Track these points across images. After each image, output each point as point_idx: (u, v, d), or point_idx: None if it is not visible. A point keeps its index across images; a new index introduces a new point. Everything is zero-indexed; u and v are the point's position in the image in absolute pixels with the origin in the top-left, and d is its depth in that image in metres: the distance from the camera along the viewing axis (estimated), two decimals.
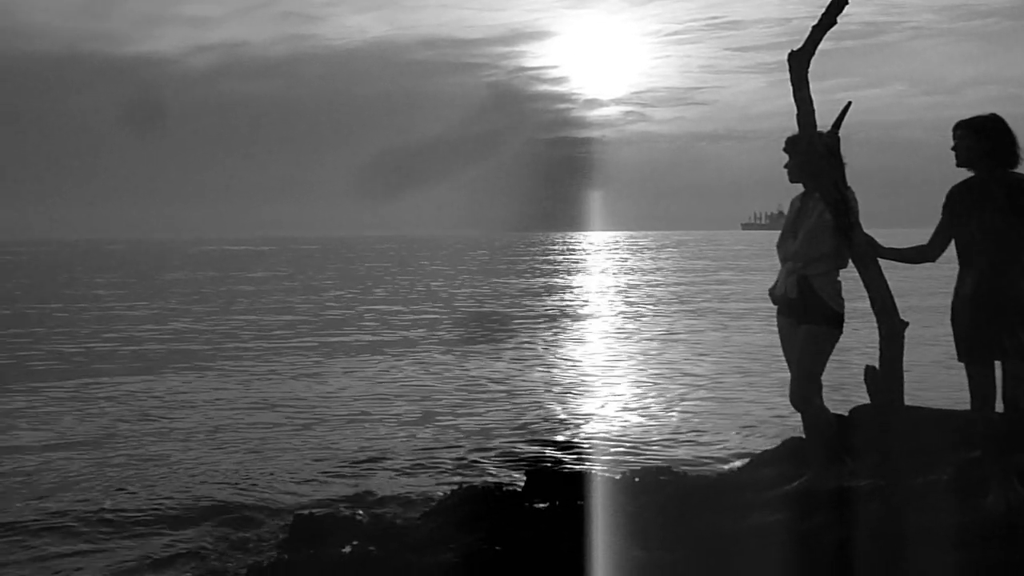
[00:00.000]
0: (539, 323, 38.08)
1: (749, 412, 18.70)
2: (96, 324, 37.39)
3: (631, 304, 46.99)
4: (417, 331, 34.85)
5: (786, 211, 9.11)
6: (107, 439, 16.56)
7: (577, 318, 40.78)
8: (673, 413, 19.05)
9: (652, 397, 21.10)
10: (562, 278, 72.52)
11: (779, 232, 8.84)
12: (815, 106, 8.30)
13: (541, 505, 10.12)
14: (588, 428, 17.93)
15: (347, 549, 8.79)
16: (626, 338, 32.74)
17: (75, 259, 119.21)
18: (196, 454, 15.49)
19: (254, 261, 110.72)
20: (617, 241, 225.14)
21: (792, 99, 8.34)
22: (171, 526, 11.61)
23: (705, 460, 14.73)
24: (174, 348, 30.07)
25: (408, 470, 14.65)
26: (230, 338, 32.62)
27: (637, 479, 10.61)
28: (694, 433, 17.04)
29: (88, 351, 29.39)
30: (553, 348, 29.99)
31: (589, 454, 15.69)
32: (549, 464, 14.17)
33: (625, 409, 19.73)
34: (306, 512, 10.49)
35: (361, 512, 11.13)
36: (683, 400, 20.48)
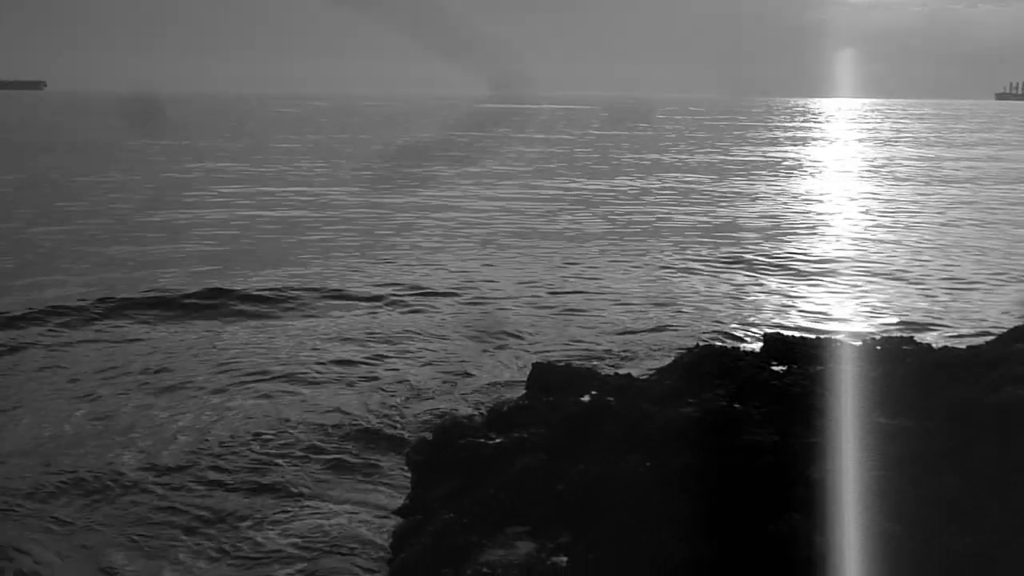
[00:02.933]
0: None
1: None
2: None
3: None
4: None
5: None
6: None
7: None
8: (930, 284, 18.39)
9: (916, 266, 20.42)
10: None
11: None
12: None
13: (779, 368, 10.00)
14: (832, 295, 17.57)
15: (585, 398, 8.98)
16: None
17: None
18: None
19: None
20: (876, 109, 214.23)
21: None
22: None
23: (949, 334, 14.21)
24: None
25: (642, 331, 14.81)
26: None
27: (879, 347, 10.31)
28: (946, 304, 16.45)
29: None
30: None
31: (826, 320, 15.40)
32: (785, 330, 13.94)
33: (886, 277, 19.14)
34: (544, 361, 10.76)
35: (596, 363, 11.33)
36: (946, 272, 19.69)
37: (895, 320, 15.30)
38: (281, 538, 8.12)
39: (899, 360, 9.66)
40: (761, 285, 18.06)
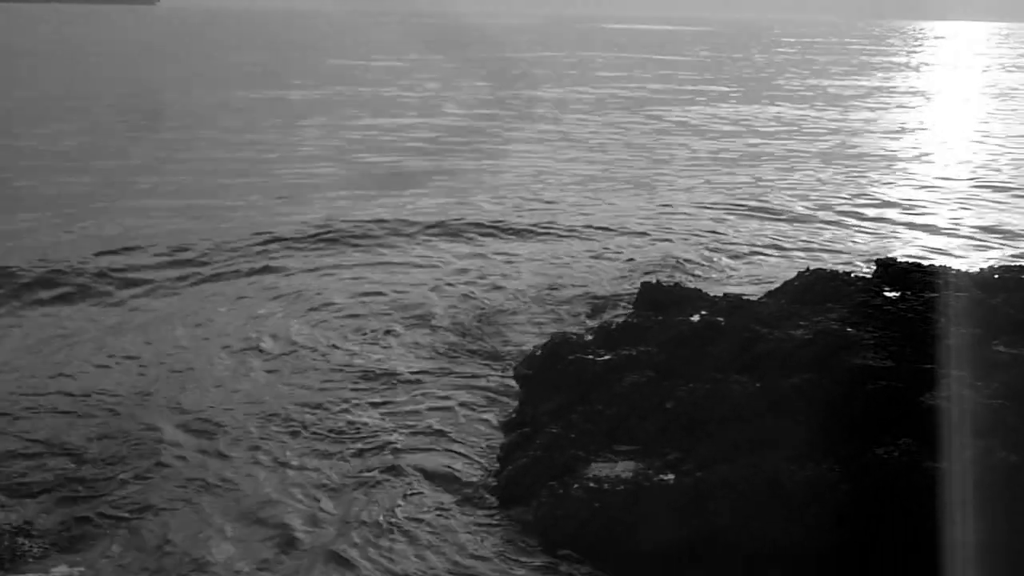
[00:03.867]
0: None
1: None
2: None
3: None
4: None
5: None
6: None
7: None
8: None
9: None
10: None
11: None
12: None
13: (891, 294, 9.83)
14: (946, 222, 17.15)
15: (695, 318, 8.96)
16: None
17: None
18: None
19: None
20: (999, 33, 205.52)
21: None
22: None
23: None
24: None
25: (743, 255, 14.67)
26: None
27: (996, 276, 10.06)
28: None
29: None
30: None
31: (939, 249, 15.05)
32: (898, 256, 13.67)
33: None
34: (652, 281, 10.75)
35: (702, 288, 11.26)
36: None
37: (1015, 251, 14.88)
38: (388, 434, 8.35)
39: (1018, 289, 9.43)
40: (875, 218, 17.64)
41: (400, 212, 16.81)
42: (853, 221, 17.00)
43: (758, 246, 15.03)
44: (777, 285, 10.88)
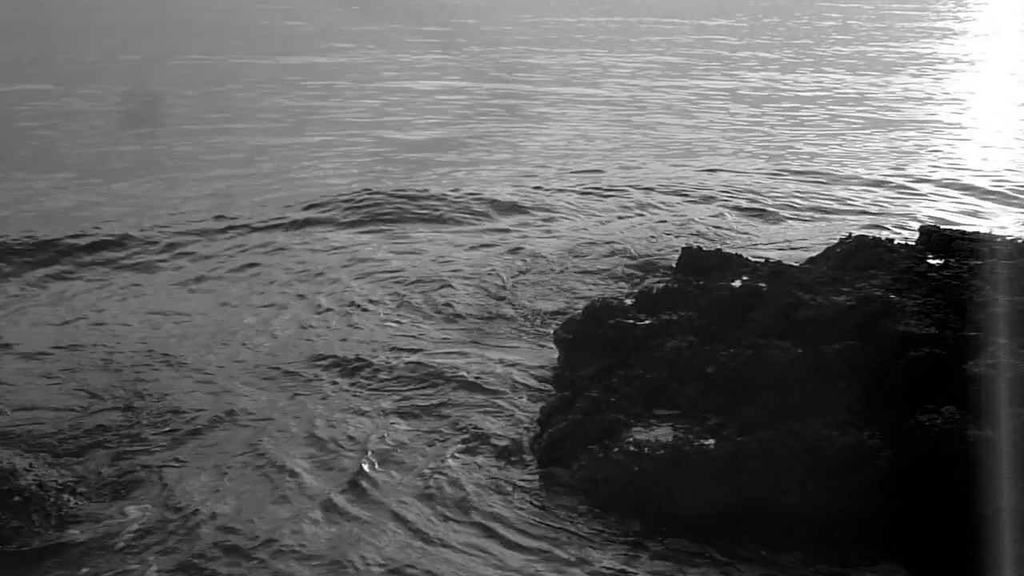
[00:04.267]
0: None
1: None
2: None
3: None
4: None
5: None
6: None
7: None
8: None
9: None
10: None
11: None
12: None
13: (935, 261, 9.75)
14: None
15: (736, 283, 8.94)
16: None
17: None
18: None
19: None
20: None
21: None
22: None
23: None
24: None
25: (785, 220, 14.58)
26: None
27: None
28: None
29: None
30: None
31: (983, 216, 14.88)
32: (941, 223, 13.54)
33: None
34: (693, 246, 10.71)
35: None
36: None
37: None
38: (428, 395, 8.44)
39: None
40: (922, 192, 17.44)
41: (441, 178, 16.83)
42: (896, 188, 16.81)
43: (800, 212, 14.92)
44: (819, 251, 10.81)
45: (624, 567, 6.20)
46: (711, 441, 6.97)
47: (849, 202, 15.68)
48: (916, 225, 12.21)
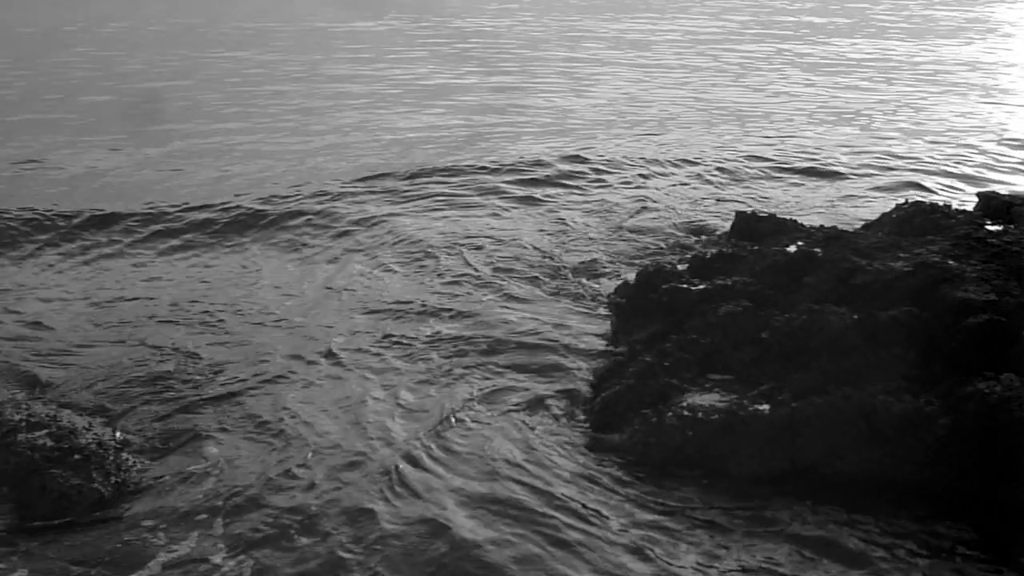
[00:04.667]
0: None
1: None
2: None
3: None
4: None
5: None
6: None
7: None
8: None
9: None
10: None
11: None
12: None
13: (994, 227, 9.61)
14: None
15: (792, 248, 8.88)
16: None
17: None
18: None
19: None
20: None
21: None
22: None
23: None
24: None
25: (839, 185, 14.43)
26: None
27: None
28: None
29: None
30: None
31: None
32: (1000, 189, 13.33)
33: None
34: (747, 211, 10.65)
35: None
36: None
37: None
38: (481, 355, 8.52)
39: None
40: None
41: (492, 146, 16.81)
42: (954, 153, 16.54)
43: (855, 177, 14.75)
44: (875, 217, 10.70)
45: (676, 529, 6.22)
46: (766, 406, 6.95)
47: (905, 167, 15.46)
48: (974, 191, 12.02)
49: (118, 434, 7.28)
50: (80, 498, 6.49)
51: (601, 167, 15.15)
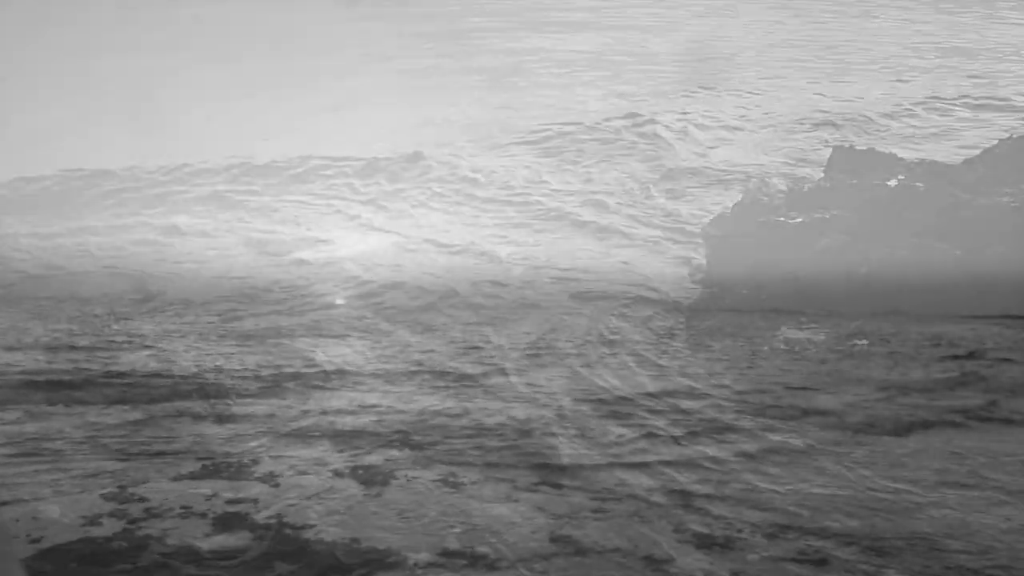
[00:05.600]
0: None
1: None
2: None
3: None
4: None
5: None
6: None
7: None
8: None
9: None
10: None
11: None
12: None
13: None
14: None
15: (892, 182, 8.73)
16: None
17: None
18: None
19: None
20: None
21: None
22: None
23: None
24: None
25: (944, 118, 14.07)
26: None
27: None
28: None
29: None
30: None
31: None
32: None
33: None
34: (846, 145, 10.45)
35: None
36: None
37: None
38: (585, 281, 8.57)
39: None
40: None
41: (589, 97, 16.70)
42: None
43: (958, 113, 14.37)
44: (978, 152, 10.44)
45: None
46: (864, 341, 6.92)
47: (1010, 104, 15.01)
48: None
49: (221, 371, 7.52)
50: (197, 416, 6.79)
51: (699, 98, 14.97)
